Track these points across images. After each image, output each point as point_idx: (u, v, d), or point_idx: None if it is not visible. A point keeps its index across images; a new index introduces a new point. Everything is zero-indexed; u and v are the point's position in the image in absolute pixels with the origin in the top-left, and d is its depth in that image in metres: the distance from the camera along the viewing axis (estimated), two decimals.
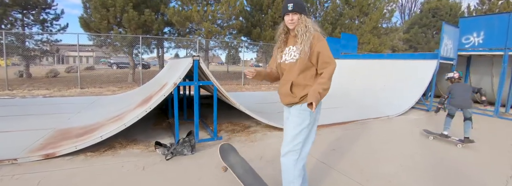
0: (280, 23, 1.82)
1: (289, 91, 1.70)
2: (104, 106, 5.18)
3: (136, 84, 10.71)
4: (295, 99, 1.69)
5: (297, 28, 1.68)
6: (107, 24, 10.38)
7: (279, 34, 1.82)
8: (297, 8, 1.67)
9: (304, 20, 1.69)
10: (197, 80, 3.02)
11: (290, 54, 1.73)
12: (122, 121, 3.14)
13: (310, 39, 1.63)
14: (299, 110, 1.68)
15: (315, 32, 1.68)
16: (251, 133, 3.74)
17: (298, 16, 1.69)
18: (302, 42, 1.64)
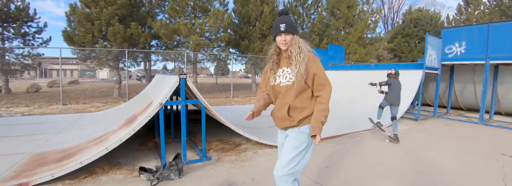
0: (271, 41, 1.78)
1: (286, 115, 1.64)
2: (86, 125, 4.93)
3: (121, 99, 10.41)
4: (293, 122, 1.64)
5: (291, 49, 1.63)
6: (92, 37, 10.16)
7: (271, 55, 1.76)
8: (289, 28, 1.63)
9: (297, 40, 1.65)
10: (184, 99, 2.90)
11: (285, 76, 1.67)
12: (104, 143, 2.95)
13: (305, 60, 1.59)
14: (297, 132, 1.64)
15: (309, 53, 1.64)
16: (241, 151, 3.60)
17: (291, 36, 1.64)
18: (297, 64, 1.59)
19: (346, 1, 16.50)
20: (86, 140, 3.59)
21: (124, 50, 9.99)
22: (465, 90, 8.09)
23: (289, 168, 1.58)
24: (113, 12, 10.00)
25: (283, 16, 1.69)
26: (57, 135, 4.35)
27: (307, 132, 1.62)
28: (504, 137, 5.06)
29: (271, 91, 1.76)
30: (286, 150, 1.63)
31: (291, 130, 1.67)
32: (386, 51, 22.70)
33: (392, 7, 34.36)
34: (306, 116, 1.63)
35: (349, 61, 16.85)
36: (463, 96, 8.25)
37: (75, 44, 10.50)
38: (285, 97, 1.65)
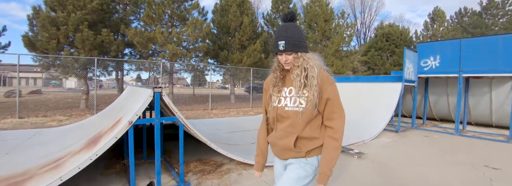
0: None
1: (292, 147, 1.37)
2: (44, 144, 4.27)
3: (89, 112, 9.55)
4: (300, 153, 1.39)
5: (293, 73, 1.36)
6: (57, 44, 9.32)
7: (274, 70, 1.46)
8: (291, 46, 1.33)
9: (303, 60, 1.35)
10: (159, 116, 2.51)
11: (292, 99, 1.38)
12: (59, 170, 2.45)
13: (316, 83, 1.32)
14: (304, 162, 1.39)
15: (323, 72, 1.36)
16: (224, 173, 3.22)
17: (294, 55, 1.35)
18: (306, 88, 1.33)
19: (323, 15, 17.01)
20: (39, 165, 3.01)
21: (93, 58, 9.25)
22: (439, 102, 8.39)
23: None
24: (82, 17, 9.31)
25: (284, 26, 1.38)
26: (4, 156, 3.68)
27: (316, 165, 1.38)
28: (481, 147, 5.16)
29: (272, 113, 1.47)
30: (285, 179, 1.36)
31: (296, 160, 1.41)
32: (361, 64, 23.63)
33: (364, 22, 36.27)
34: (316, 147, 1.38)
35: None
36: (437, 107, 8.55)
37: (37, 50, 9.57)
38: (293, 125, 1.37)
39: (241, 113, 10.56)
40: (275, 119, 1.46)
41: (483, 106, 7.58)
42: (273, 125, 1.50)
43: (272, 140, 1.49)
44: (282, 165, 1.50)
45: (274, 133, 1.48)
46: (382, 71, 21.00)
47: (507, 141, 5.83)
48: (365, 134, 5.73)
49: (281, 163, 1.51)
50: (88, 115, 8.98)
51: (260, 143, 1.58)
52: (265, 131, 1.58)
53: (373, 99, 7.02)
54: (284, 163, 1.48)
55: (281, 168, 1.51)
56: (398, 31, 21.49)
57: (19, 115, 8.28)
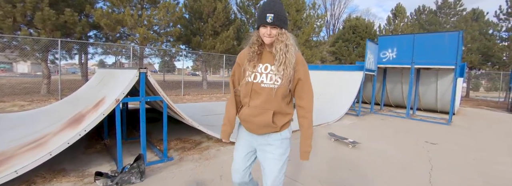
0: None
1: (270, 122, 1.42)
2: (11, 129, 4.14)
3: (52, 97, 9.05)
4: (276, 128, 1.46)
5: (276, 47, 1.38)
6: (13, 22, 8.54)
7: (252, 44, 1.45)
8: (278, 21, 1.35)
9: (285, 36, 1.39)
10: (144, 95, 2.68)
11: (269, 76, 1.41)
12: (43, 147, 2.53)
13: (293, 62, 1.39)
14: (280, 139, 1.49)
15: (298, 53, 1.44)
16: (203, 149, 3.51)
17: (278, 30, 1.37)
18: (284, 65, 1.37)
19: (295, 5, 17.34)
20: (14, 146, 3.01)
21: (57, 39, 8.67)
22: (394, 90, 9.37)
23: (280, 180, 1.48)
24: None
25: (273, 1, 1.38)
26: None
27: (289, 137, 1.53)
28: (424, 128, 6.04)
29: (245, 88, 1.47)
30: (272, 160, 1.47)
31: (271, 137, 1.49)
32: (329, 54, 24.73)
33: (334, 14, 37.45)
34: (288, 121, 1.50)
35: None
36: (393, 95, 9.53)
37: None
38: (268, 101, 1.42)
39: (214, 99, 10.74)
40: (248, 95, 1.47)
41: (430, 94, 8.66)
42: (243, 100, 1.51)
43: (245, 117, 1.49)
44: (253, 140, 1.55)
45: (247, 110, 1.48)
46: (349, 61, 22.24)
47: (447, 123, 6.82)
48: (330, 116, 6.33)
49: (252, 138, 1.55)
50: (52, 100, 8.54)
51: (229, 114, 1.58)
52: (234, 103, 1.58)
53: (337, 86, 7.66)
54: (257, 139, 1.53)
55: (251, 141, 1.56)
56: (364, 24, 22.70)
57: None
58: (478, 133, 5.84)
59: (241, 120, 1.54)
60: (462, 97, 13.26)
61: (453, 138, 5.17)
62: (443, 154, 3.93)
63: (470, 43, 17.95)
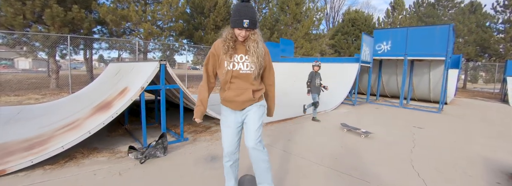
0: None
1: (251, 98, 1.82)
2: (40, 116, 4.60)
3: (63, 91, 9.49)
4: (255, 100, 1.87)
5: (250, 44, 1.74)
6: (23, 20, 8.90)
7: (227, 40, 1.73)
8: (252, 25, 1.66)
9: (256, 35, 1.74)
10: (164, 83, 3.11)
11: (245, 64, 1.77)
12: (79, 129, 2.98)
13: (263, 54, 1.79)
14: (258, 106, 1.89)
15: (265, 46, 1.84)
16: (213, 132, 3.97)
17: (251, 31, 1.71)
18: (257, 57, 1.75)
19: None
20: (48, 130, 3.46)
21: (66, 35, 9.05)
22: (390, 81, 9.78)
23: (258, 135, 1.83)
24: None
25: (247, 6, 1.66)
26: (3, 127, 4.01)
27: (264, 105, 1.98)
28: (415, 116, 6.48)
29: (226, 75, 1.77)
30: (253, 121, 1.84)
31: (251, 107, 1.88)
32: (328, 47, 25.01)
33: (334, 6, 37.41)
34: (261, 94, 1.94)
35: (296, 55, 18.15)
36: (388, 85, 9.96)
37: (1, 27, 9.04)
38: (245, 82, 1.80)
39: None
40: (228, 80, 1.78)
41: (423, 85, 9.08)
42: (225, 85, 1.82)
43: (229, 98, 1.82)
44: (238, 115, 1.89)
45: (230, 92, 1.80)
46: (348, 54, 22.57)
47: (437, 112, 7.27)
48: (327, 105, 6.78)
49: (237, 114, 1.89)
50: (63, 93, 8.96)
51: (202, 97, 1.88)
52: (207, 88, 1.89)
53: (334, 77, 8.07)
54: (240, 113, 1.89)
55: (237, 117, 1.89)
56: (363, 17, 22.92)
57: None
58: (465, 119, 6.29)
59: (225, 101, 1.86)
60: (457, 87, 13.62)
61: (440, 123, 5.63)
62: (427, 136, 4.38)
63: (467, 35, 18.24)
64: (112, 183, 2.30)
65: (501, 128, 5.45)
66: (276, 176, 2.52)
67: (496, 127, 5.54)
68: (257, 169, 1.90)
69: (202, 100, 1.89)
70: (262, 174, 1.91)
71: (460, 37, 18.73)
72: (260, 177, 1.92)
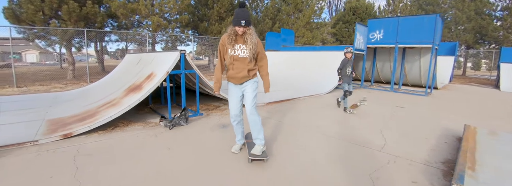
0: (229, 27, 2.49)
1: (247, 74, 2.52)
2: (76, 99, 5.45)
3: (81, 81, 10.35)
4: (249, 77, 2.56)
5: (246, 37, 2.43)
6: (43, 16, 9.66)
7: (230, 35, 2.43)
8: (247, 23, 2.36)
9: (251, 30, 2.44)
10: (184, 69, 3.89)
11: (242, 51, 2.47)
12: (119, 105, 3.81)
13: (256, 44, 2.47)
14: (252, 82, 2.59)
15: (257, 38, 2.51)
16: (222, 110, 4.79)
17: (247, 28, 2.40)
18: (252, 46, 2.44)
19: None
20: (92, 107, 4.30)
21: (83, 29, 9.80)
22: (384, 67, 10.43)
23: (253, 102, 2.57)
24: None
25: (243, 10, 2.35)
26: (49, 108, 4.85)
27: (257, 80, 2.63)
28: (401, 98, 7.22)
29: (229, 59, 2.50)
30: (249, 93, 2.57)
31: (247, 82, 2.58)
32: (330, 36, 25.40)
33: None
34: (255, 72, 2.63)
35: (297, 44, 18.71)
36: (383, 72, 10.62)
37: (22, 22, 9.82)
38: (242, 63, 2.50)
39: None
40: (231, 62, 2.51)
41: (415, 71, 9.73)
42: (229, 66, 2.54)
43: (232, 75, 2.54)
44: (239, 88, 2.61)
45: (232, 71, 2.52)
46: (349, 42, 22.98)
47: (424, 95, 7.97)
48: (322, 89, 7.53)
49: (238, 87, 2.61)
50: (82, 83, 9.82)
51: (218, 76, 2.63)
52: (220, 69, 2.62)
53: (329, 64, 8.75)
54: (240, 86, 2.60)
55: (238, 89, 2.61)
56: (364, 5, 23.13)
57: (17, 85, 8.94)
58: (447, 101, 7.01)
59: (229, 77, 2.60)
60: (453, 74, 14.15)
61: (421, 104, 6.36)
62: (404, 113, 5.14)
63: (466, 22, 18.52)
64: (151, 141, 3.14)
65: (476, 107, 6.17)
66: (271, 135, 3.33)
67: (472, 106, 6.25)
68: (252, 128, 2.66)
69: (218, 78, 2.67)
70: (255, 132, 2.64)
71: (459, 24, 19.03)
72: (254, 134, 2.67)
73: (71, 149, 2.84)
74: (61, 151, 2.79)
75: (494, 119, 4.93)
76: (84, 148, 2.87)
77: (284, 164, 2.57)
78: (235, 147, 2.86)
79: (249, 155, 2.57)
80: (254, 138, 2.67)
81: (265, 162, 2.58)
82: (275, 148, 2.99)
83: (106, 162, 2.51)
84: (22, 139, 3.06)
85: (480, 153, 2.47)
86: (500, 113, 5.52)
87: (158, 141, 3.13)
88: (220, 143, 3.10)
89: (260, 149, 2.61)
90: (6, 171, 2.30)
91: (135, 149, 2.88)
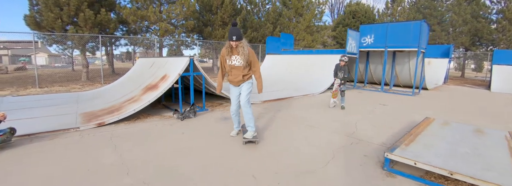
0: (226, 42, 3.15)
1: (241, 79, 3.22)
2: (99, 98, 6.28)
3: (95, 82, 11.23)
4: (243, 80, 3.26)
5: (239, 49, 3.09)
6: (61, 23, 10.59)
7: (226, 47, 3.15)
8: (238, 38, 3.02)
9: (242, 43, 3.09)
10: (192, 71, 4.68)
11: (237, 60, 3.15)
12: (140, 101, 4.61)
13: (247, 54, 3.12)
14: (246, 83, 3.28)
15: (249, 48, 3.17)
16: (225, 106, 5.57)
17: (238, 42, 3.06)
18: (244, 56, 3.10)
19: None
20: (118, 103, 5.11)
21: (98, 35, 10.70)
22: (377, 69, 11.13)
23: (247, 98, 3.24)
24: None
25: (235, 29, 3.01)
26: (78, 105, 5.68)
27: (251, 82, 3.31)
28: (389, 97, 7.92)
29: (228, 67, 3.25)
30: (243, 91, 3.26)
31: (243, 84, 3.28)
32: (330, 39, 26.11)
33: None
34: (248, 77, 3.28)
35: (298, 47, 19.48)
36: (376, 73, 11.31)
37: (42, 29, 10.77)
38: (238, 71, 3.19)
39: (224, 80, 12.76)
40: (229, 70, 3.24)
41: (405, 72, 10.41)
42: (229, 73, 3.27)
43: (231, 80, 3.27)
44: (237, 88, 3.29)
45: (230, 77, 3.24)
46: None
47: (411, 94, 8.66)
48: (315, 90, 8.28)
49: (236, 88, 3.30)
50: (97, 84, 10.70)
51: (219, 80, 3.40)
52: (221, 75, 3.37)
53: (324, 66, 9.51)
54: (238, 87, 3.28)
55: (236, 90, 3.30)
56: (363, 9, 23.84)
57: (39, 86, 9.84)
58: (432, 100, 7.70)
59: (229, 81, 3.33)
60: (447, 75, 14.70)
61: (405, 102, 7.06)
62: (384, 109, 5.86)
63: (462, 25, 19.11)
64: (168, 128, 3.92)
65: (454, 105, 6.86)
66: (265, 126, 4.10)
67: (450, 104, 6.94)
68: (245, 117, 3.36)
69: (220, 83, 3.48)
70: (247, 121, 3.33)
71: (456, 27, 19.61)
72: (247, 122, 3.38)
73: (106, 134, 3.64)
74: (99, 135, 3.59)
75: (464, 114, 5.62)
76: (116, 133, 3.66)
77: (271, 145, 3.33)
78: (233, 132, 3.65)
79: (243, 138, 3.32)
80: (247, 125, 3.39)
81: (256, 144, 3.33)
82: (266, 135, 3.75)
83: (136, 142, 3.30)
84: (67, 126, 3.87)
85: (423, 136, 3.19)
86: (473, 109, 6.21)
87: (173, 128, 3.92)
88: (222, 130, 3.87)
89: (251, 134, 3.31)
90: (64, 146, 3.10)
91: (156, 133, 3.67)
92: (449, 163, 2.35)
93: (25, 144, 3.19)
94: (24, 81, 11.45)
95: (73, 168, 2.53)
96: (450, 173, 2.16)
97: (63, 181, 2.27)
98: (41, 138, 3.39)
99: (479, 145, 2.92)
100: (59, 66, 30.43)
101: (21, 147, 3.07)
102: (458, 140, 3.08)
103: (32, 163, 2.63)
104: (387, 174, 2.50)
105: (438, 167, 2.24)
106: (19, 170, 2.46)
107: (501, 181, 2.00)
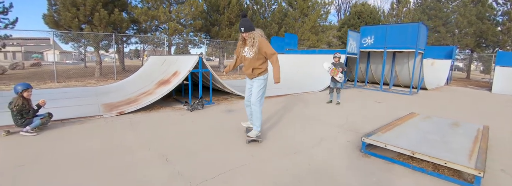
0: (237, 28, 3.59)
1: (251, 73, 3.13)
2: (115, 91, 6.87)
3: (108, 78, 11.88)
4: (254, 75, 3.15)
5: (248, 40, 3.00)
6: (78, 22, 11.27)
7: (239, 40, 3.17)
8: (246, 29, 2.90)
9: (252, 35, 2.94)
10: (201, 68, 5.21)
11: (248, 52, 3.07)
12: (154, 94, 5.16)
13: (257, 45, 2.96)
14: (257, 80, 3.15)
15: (261, 38, 2.98)
16: (230, 100, 6.09)
17: (247, 33, 2.93)
18: (253, 48, 2.99)
19: None
20: (134, 96, 5.68)
21: (112, 34, 11.35)
22: (377, 69, 11.49)
23: (258, 96, 3.15)
24: None
25: (244, 20, 2.89)
26: (98, 97, 6.27)
27: (263, 79, 3.14)
28: (387, 96, 8.32)
29: (241, 58, 3.25)
30: (255, 89, 3.15)
31: (254, 79, 3.17)
32: (335, 39, 26.39)
33: None
34: (261, 71, 3.10)
35: (303, 47, 19.88)
36: (376, 73, 11.68)
37: (60, 27, 11.47)
38: (250, 63, 3.09)
39: (231, 79, 13.28)
40: (242, 61, 3.26)
41: (405, 73, 10.76)
42: (241, 63, 3.35)
43: (244, 71, 3.22)
44: (250, 81, 3.26)
45: (244, 68, 3.20)
46: None
47: (409, 94, 9.03)
48: (317, 88, 8.73)
49: (249, 81, 3.27)
50: (110, 80, 11.33)
51: (231, 65, 3.44)
52: (234, 62, 3.42)
53: None
54: (250, 81, 3.25)
55: (250, 82, 3.26)
56: (368, 9, 24.06)
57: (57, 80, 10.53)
58: (428, 99, 8.07)
59: (244, 73, 3.31)
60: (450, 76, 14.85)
61: (401, 101, 7.46)
62: (378, 106, 6.29)
63: (467, 27, 19.20)
64: (179, 117, 4.46)
65: (447, 104, 7.23)
66: (264, 117, 4.60)
67: (443, 103, 7.31)
68: (253, 116, 3.29)
69: (230, 66, 3.54)
70: (254, 119, 3.29)
71: (461, 29, 19.71)
72: (253, 120, 3.32)
73: (126, 120, 4.19)
74: (120, 121, 4.15)
75: (455, 111, 6.01)
76: (135, 120, 4.21)
77: (268, 131, 3.83)
78: (244, 123, 3.71)
79: (247, 137, 3.29)
80: (253, 124, 3.36)
81: (259, 142, 3.29)
82: (264, 124, 4.25)
83: (152, 127, 3.84)
84: (92, 114, 4.44)
85: (401, 126, 3.65)
86: (465, 108, 6.58)
87: (184, 117, 4.45)
88: (227, 121, 4.39)
89: (255, 133, 3.25)
90: (93, 129, 3.66)
91: (169, 121, 4.21)
92: (415, 146, 2.81)
93: (59, 127, 3.76)
94: (41, 77, 12.18)
95: (105, 143, 3.09)
96: (412, 153, 2.63)
97: (101, 151, 2.82)
98: (71, 123, 3.97)
99: (449, 134, 3.36)
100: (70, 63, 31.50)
101: (56, 129, 3.64)
102: (432, 130, 3.52)
103: (73, 140, 3.20)
104: (363, 155, 2.97)
105: (404, 148, 2.70)
106: (62, 144, 3.02)
107: (452, 158, 2.46)
